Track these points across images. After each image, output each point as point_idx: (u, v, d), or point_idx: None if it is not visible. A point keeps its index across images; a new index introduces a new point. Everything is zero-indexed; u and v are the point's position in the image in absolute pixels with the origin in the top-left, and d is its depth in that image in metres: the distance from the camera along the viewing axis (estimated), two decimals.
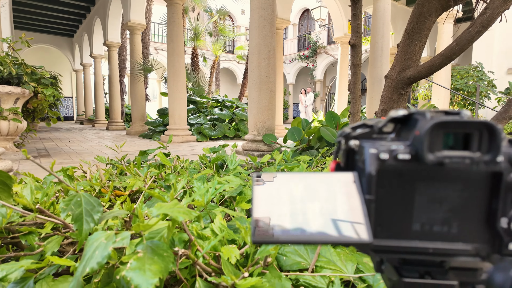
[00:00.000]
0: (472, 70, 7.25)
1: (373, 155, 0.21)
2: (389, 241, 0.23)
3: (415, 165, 0.21)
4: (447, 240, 0.23)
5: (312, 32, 18.52)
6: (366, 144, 0.22)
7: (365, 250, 0.24)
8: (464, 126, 0.21)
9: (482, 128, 0.21)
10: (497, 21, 2.17)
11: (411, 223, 0.23)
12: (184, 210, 0.63)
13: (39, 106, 3.79)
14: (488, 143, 0.21)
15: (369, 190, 0.22)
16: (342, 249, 1.02)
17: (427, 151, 0.20)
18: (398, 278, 0.23)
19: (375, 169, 0.21)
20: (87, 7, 11.55)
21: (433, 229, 0.23)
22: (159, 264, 0.55)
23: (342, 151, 0.25)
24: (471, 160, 0.21)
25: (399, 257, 0.24)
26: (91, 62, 13.29)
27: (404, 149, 0.21)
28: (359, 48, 2.47)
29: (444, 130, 0.21)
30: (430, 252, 0.23)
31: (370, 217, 0.22)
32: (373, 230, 0.22)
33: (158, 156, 1.22)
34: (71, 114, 18.44)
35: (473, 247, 0.23)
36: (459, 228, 0.22)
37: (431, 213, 0.22)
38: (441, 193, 0.22)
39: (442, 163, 0.20)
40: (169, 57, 6.13)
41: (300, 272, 0.89)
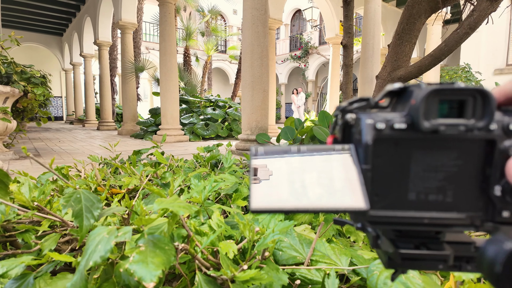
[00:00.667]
0: (460, 71, 7.40)
1: (369, 125, 0.22)
2: (385, 211, 0.23)
3: (411, 134, 0.22)
4: (442, 210, 0.23)
5: (304, 32, 18.62)
6: (362, 115, 0.23)
7: (361, 223, 0.24)
8: (458, 93, 0.21)
9: (476, 95, 0.21)
10: (484, 23, 2.23)
11: (407, 192, 0.23)
12: (184, 205, 0.65)
13: (29, 106, 3.73)
14: (481, 110, 0.21)
15: (365, 160, 0.22)
16: (336, 244, 1.05)
17: (422, 119, 0.21)
18: (394, 249, 0.24)
19: (371, 138, 0.22)
20: (77, 5, 11.39)
21: (428, 198, 0.23)
22: (161, 256, 0.57)
23: (339, 125, 0.25)
24: (466, 127, 0.21)
25: (394, 229, 0.24)
26: (81, 62, 13.11)
27: (400, 118, 0.22)
28: (351, 48, 2.51)
29: (439, 98, 0.21)
30: (425, 223, 0.23)
31: (366, 186, 0.22)
32: (370, 200, 0.22)
33: (154, 155, 1.23)
34: (60, 114, 18.15)
35: (467, 216, 0.23)
36: (454, 196, 0.23)
37: (426, 182, 0.22)
38: (437, 161, 0.22)
39: (437, 130, 0.21)
40: (161, 56, 6.10)
41: (296, 266, 0.91)
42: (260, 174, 0.22)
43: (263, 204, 0.20)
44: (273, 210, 0.20)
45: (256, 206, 0.20)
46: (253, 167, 0.22)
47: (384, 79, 2.90)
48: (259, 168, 0.22)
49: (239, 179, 1.48)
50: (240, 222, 0.76)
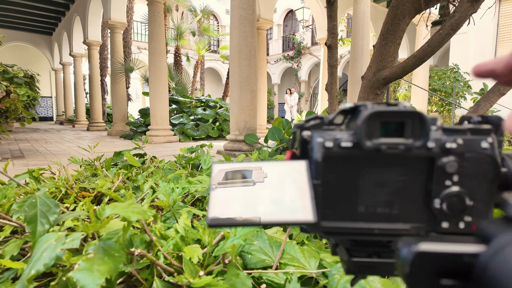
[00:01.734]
0: (449, 71, 7.48)
1: (319, 143, 0.23)
2: (337, 223, 0.24)
3: (357, 152, 0.23)
4: (389, 221, 0.24)
5: (296, 33, 18.66)
6: (315, 133, 0.24)
7: (318, 232, 0.26)
8: (397, 115, 0.23)
9: (414, 117, 0.23)
10: (465, 23, 2.25)
11: (357, 205, 0.24)
12: (138, 210, 0.63)
13: (12, 106, 3.66)
14: (419, 130, 0.23)
15: (316, 176, 0.24)
16: (308, 246, 1.04)
17: (365, 139, 0.22)
18: (348, 258, 0.25)
19: (321, 156, 0.23)
20: (66, 4, 11.23)
21: (376, 211, 0.24)
22: (109, 264, 0.54)
23: (298, 141, 0.27)
24: (405, 146, 0.23)
25: (349, 239, 0.26)
26: (71, 61, 12.94)
27: (347, 137, 0.23)
28: (335, 49, 2.50)
29: (380, 119, 0.23)
30: (376, 233, 0.24)
31: (318, 201, 0.23)
32: (322, 213, 0.24)
33: (126, 157, 1.21)
34: (50, 114, 17.89)
35: (412, 227, 0.24)
36: (400, 209, 0.24)
37: (374, 196, 0.24)
38: (383, 177, 0.24)
39: (379, 149, 0.23)
40: (150, 56, 6.04)
41: (264, 270, 0.90)
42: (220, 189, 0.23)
43: (218, 220, 0.22)
44: (228, 224, 0.21)
45: (212, 222, 0.21)
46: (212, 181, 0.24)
47: (369, 80, 2.91)
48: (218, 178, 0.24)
49: None
50: (199, 227, 0.74)
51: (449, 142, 0.23)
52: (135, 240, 0.81)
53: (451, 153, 0.23)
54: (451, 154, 0.23)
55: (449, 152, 0.23)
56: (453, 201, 0.23)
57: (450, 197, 0.23)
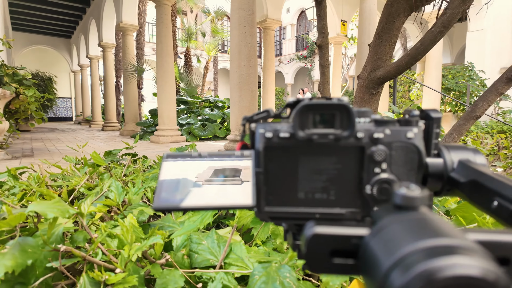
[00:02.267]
0: (463, 70, 7.22)
1: (261, 134, 0.25)
2: (280, 208, 0.26)
3: (294, 142, 0.25)
4: (327, 206, 0.26)
5: (310, 32, 18.51)
6: (259, 125, 0.26)
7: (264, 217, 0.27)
8: (326, 108, 0.24)
9: (341, 109, 0.24)
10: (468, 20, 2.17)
11: (297, 192, 0.26)
12: (60, 208, 0.65)
13: (22, 107, 3.83)
14: (346, 122, 0.24)
15: (258, 164, 0.25)
16: (260, 247, 1.04)
17: (298, 129, 0.24)
18: (293, 241, 0.27)
19: (262, 145, 0.25)
20: (83, 8, 11.62)
21: (315, 197, 0.26)
22: (16, 259, 0.57)
23: (248, 133, 0.28)
24: (334, 136, 0.24)
25: (295, 224, 0.27)
26: (88, 63, 13.37)
27: (286, 128, 0.25)
28: (326, 48, 2.48)
29: (311, 112, 0.24)
30: (317, 218, 0.26)
31: (260, 187, 0.25)
32: (266, 199, 0.26)
33: (91, 156, 1.25)
34: (69, 114, 18.55)
35: (348, 211, 0.26)
36: (336, 195, 0.26)
37: (312, 183, 0.25)
38: (319, 165, 0.25)
39: (311, 139, 0.24)
40: (158, 57, 6.16)
41: (210, 269, 0.91)
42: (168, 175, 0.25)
43: (164, 203, 0.23)
44: (173, 209, 0.23)
45: (158, 205, 0.23)
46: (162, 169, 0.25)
47: (364, 79, 2.86)
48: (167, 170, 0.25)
49: None
50: (123, 226, 0.76)
51: (377, 132, 0.25)
52: (77, 237, 0.84)
53: (379, 143, 0.25)
54: (379, 144, 0.25)
55: (377, 142, 0.25)
56: (383, 187, 0.25)
57: (379, 183, 0.25)
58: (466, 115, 2.38)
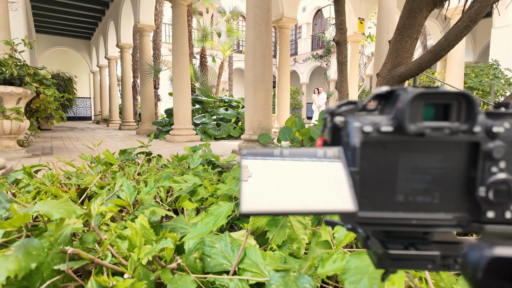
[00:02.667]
0: (487, 68, 6.92)
1: (357, 128, 0.22)
2: (374, 213, 0.23)
3: (398, 137, 0.22)
4: (429, 211, 0.23)
5: (325, 31, 18.28)
6: (350, 119, 0.23)
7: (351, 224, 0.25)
8: (443, 96, 0.22)
9: (460, 99, 0.21)
10: (498, 14, 2.04)
11: (395, 194, 0.23)
12: (66, 208, 0.62)
13: (42, 106, 3.92)
14: (465, 113, 0.22)
15: (353, 162, 0.22)
16: (275, 252, 0.99)
17: (408, 122, 0.21)
18: (383, 250, 0.24)
19: (359, 141, 0.22)
20: (102, 10, 11.89)
21: (416, 200, 0.23)
22: (19, 262, 0.54)
23: (328, 128, 0.26)
24: (450, 130, 0.22)
25: (383, 230, 0.24)
26: (106, 64, 13.67)
27: (387, 121, 0.22)
28: (344, 45, 2.40)
29: (424, 101, 0.22)
30: (414, 224, 0.23)
31: (355, 189, 0.22)
32: (358, 203, 0.23)
33: (104, 154, 1.23)
34: (89, 114, 19.04)
35: (454, 217, 0.23)
36: (441, 198, 0.23)
37: (414, 184, 0.23)
38: (423, 164, 0.23)
39: (423, 133, 0.21)
40: (173, 57, 6.20)
41: (222, 274, 0.87)
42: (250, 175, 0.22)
43: (253, 207, 0.20)
44: (262, 213, 0.20)
45: (246, 209, 0.20)
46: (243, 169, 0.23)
47: (384, 77, 2.76)
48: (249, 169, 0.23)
49: (201, 180, 1.44)
50: (132, 228, 0.72)
51: (496, 126, 0.22)
52: (87, 238, 0.82)
53: (497, 138, 0.22)
54: (497, 139, 0.22)
55: (495, 137, 0.22)
56: (500, 188, 0.22)
57: (496, 184, 0.22)
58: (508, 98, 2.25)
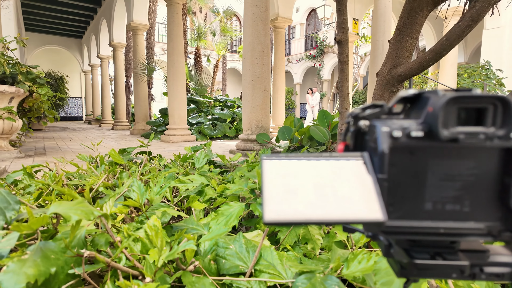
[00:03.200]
0: (479, 69, 7.03)
1: (385, 133, 0.21)
2: (400, 221, 0.22)
3: (428, 143, 0.21)
4: (459, 219, 0.22)
5: (319, 31, 18.36)
6: (377, 123, 0.22)
7: (374, 232, 0.24)
8: (478, 100, 0.20)
9: (497, 103, 0.20)
10: (488, 14, 2.06)
11: (423, 202, 0.22)
12: (84, 209, 0.59)
13: (35, 105, 3.83)
14: (502, 118, 0.21)
15: (381, 169, 0.21)
16: (289, 252, 0.97)
17: (441, 127, 0.20)
18: (409, 260, 0.23)
19: (388, 147, 0.21)
20: (94, 8, 11.71)
21: (445, 208, 0.22)
22: (38, 267, 0.51)
23: (351, 132, 0.25)
24: (485, 135, 0.21)
25: (408, 239, 0.24)
26: (98, 63, 13.48)
27: (417, 126, 0.21)
28: (345, 44, 2.39)
29: (458, 105, 0.21)
30: (441, 233, 0.22)
31: (382, 197, 0.21)
32: (386, 211, 0.21)
33: (109, 154, 1.19)
34: (80, 114, 18.75)
35: (485, 226, 0.22)
36: (471, 206, 0.22)
37: (443, 191, 0.22)
38: (454, 170, 0.22)
39: (457, 139, 0.20)
40: (168, 56, 6.14)
41: (239, 276, 0.84)
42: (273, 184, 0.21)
43: (276, 216, 0.19)
44: (287, 223, 0.19)
45: (270, 218, 0.19)
46: (264, 171, 0.22)
47: (384, 77, 2.77)
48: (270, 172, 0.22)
49: (208, 180, 1.42)
50: (152, 229, 0.70)
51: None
52: (99, 240, 0.78)
53: None
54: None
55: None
56: None
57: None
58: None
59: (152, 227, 0.73)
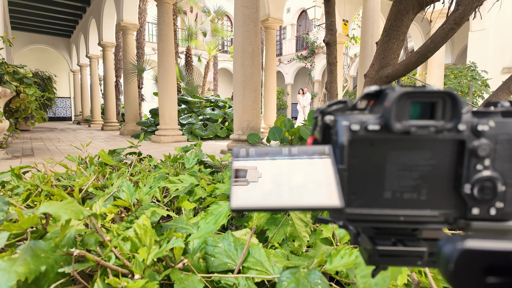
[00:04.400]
0: (465, 70, 7.19)
1: (345, 126, 0.23)
2: (362, 209, 0.24)
3: (385, 135, 0.22)
4: (417, 207, 0.23)
5: (310, 32, 18.49)
6: (339, 117, 0.24)
7: (341, 220, 0.25)
8: (428, 95, 0.22)
9: (445, 97, 0.22)
10: (471, 17, 2.13)
11: (383, 191, 0.24)
12: (73, 209, 0.60)
13: (22, 106, 3.77)
14: (450, 112, 0.22)
15: (341, 160, 0.23)
16: (276, 250, 0.99)
17: (394, 121, 0.22)
18: (372, 246, 0.24)
19: (346, 139, 0.23)
20: (83, 7, 11.55)
21: (403, 197, 0.23)
22: (29, 265, 0.52)
23: (319, 127, 0.26)
24: (435, 128, 0.22)
25: (372, 227, 0.25)
26: (87, 63, 13.30)
27: (374, 120, 0.23)
28: (334, 46, 2.43)
29: (410, 100, 0.22)
30: (402, 220, 0.24)
31: (343, 186, 0.23)
32: (347, 199, 0.23)
33: (99, 155, 1.19)
34: (69, 114, 18.46)
35: (440, 213, 0.24)
36: (428, 195, 0.23)
37: (401, 181, 0.23)
38: (411, 161, 0.23)
39: (409, 131, 0.22)
40: (159, 56, 6.11)
41: (227, 274, 0.86)
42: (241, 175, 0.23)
43: (242, 203, 0.21)
44: (252, 209, 0.21)
45: (236, 205, 0.21)
46: (234, 169, 0.23)
47: (372, 78, 2.81)
48: (240, 169, 0.23)
49: (198, 180, 1.43)
50: (141, 228, 0.71)
51: (481, 124, 0.22)
52: (89, 240, 0.80)
53: (482, 136, 0.22)
54: (482, 137, 0.22)
55: (480, 135, 0.22)
56: (485, 186, 0.22)
57: (481, 181, 0.22)
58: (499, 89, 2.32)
59: (142, 226, 0.75)
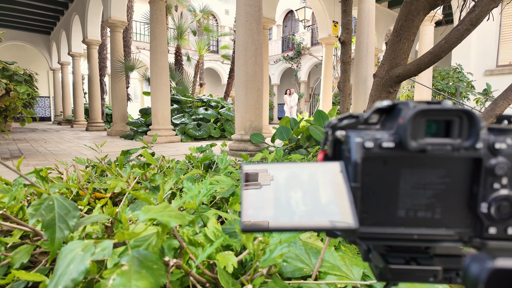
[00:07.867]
0: (452, 72, 7.44)
1: (358, 143, 0.22)
2: (375, 228, 0.23)
3: (399, 153, 0.22)
4: (431, 226, 0.23)
5: (296, 33, 18.62)
6: (351, 133, 0.23)
7: (352, 238, 0.24)
8: (445, 113, 0.21)
9: (462, 115, 0.21)
10: (485, 19, 2.18)
11: (396, 209, 0.23)
12: (176, 213, 0.54)
13: (12, 105, 3.55)
14: (468, 130, 0.21)
15: (354, 178, 0.22)
16: (345, 253, 0.95)
17: (410, 139, 0.21)
18: (385, 265, 0.24)
19: (360, 157, 0.22)
20: (65, 3, 11.11)
21: (417, 215, 0.23)
22: (148, 279, 0.46)
23: (329, 141, 0.25)
24: (452, 147, 0.21)
25: (385, 245, 0.24)
26: (69, 61, 12.80)
27: (388, 137, 0.22)
28: (349, 45, 2.43)
29: (426, 118, 0.21)
30: (415, 239, 0.23)
31: (356, 205, 0.22)
32: (359, 217, 0.23)
33: (143, 155, 1.12)
34: (48, 114, 17.71)
35: (455, 232, 0.23)
36: (443, 213, 0.23)
37: (415, 199, 0.23)
38: (425, 179, 0.23)
39: (425, 149, 0.21)
40: (152, 55, 5.95)
41: (303, 279, 0.82)
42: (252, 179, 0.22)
43: (253, 224, 0.20)
44: (263, 230, 0.20)
45: (246, 226, 0.20)
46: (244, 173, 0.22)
47: (381, 78, 2.83)
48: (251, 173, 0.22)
49: (235, 181, 1.37)
50: (243, 233, 0.65)
51: (499, 142, 0.22)
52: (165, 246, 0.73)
53: (500, 154, 0.22)
54: (500, 155, 0.22)
55: (498, 153, 0.22)
56: (502, 205, 0.22)
57: (499, 200, 0.22)
58: (486, 114, 2.39)
59: (214, 231, 0.69)
